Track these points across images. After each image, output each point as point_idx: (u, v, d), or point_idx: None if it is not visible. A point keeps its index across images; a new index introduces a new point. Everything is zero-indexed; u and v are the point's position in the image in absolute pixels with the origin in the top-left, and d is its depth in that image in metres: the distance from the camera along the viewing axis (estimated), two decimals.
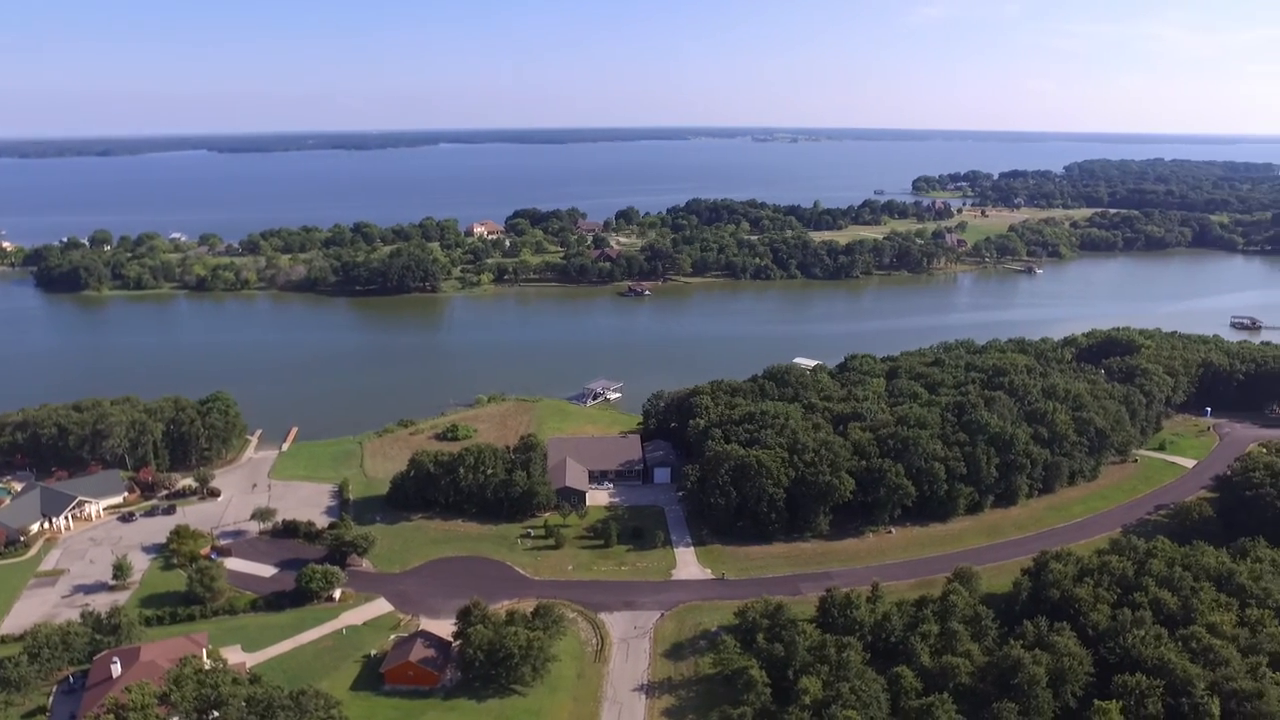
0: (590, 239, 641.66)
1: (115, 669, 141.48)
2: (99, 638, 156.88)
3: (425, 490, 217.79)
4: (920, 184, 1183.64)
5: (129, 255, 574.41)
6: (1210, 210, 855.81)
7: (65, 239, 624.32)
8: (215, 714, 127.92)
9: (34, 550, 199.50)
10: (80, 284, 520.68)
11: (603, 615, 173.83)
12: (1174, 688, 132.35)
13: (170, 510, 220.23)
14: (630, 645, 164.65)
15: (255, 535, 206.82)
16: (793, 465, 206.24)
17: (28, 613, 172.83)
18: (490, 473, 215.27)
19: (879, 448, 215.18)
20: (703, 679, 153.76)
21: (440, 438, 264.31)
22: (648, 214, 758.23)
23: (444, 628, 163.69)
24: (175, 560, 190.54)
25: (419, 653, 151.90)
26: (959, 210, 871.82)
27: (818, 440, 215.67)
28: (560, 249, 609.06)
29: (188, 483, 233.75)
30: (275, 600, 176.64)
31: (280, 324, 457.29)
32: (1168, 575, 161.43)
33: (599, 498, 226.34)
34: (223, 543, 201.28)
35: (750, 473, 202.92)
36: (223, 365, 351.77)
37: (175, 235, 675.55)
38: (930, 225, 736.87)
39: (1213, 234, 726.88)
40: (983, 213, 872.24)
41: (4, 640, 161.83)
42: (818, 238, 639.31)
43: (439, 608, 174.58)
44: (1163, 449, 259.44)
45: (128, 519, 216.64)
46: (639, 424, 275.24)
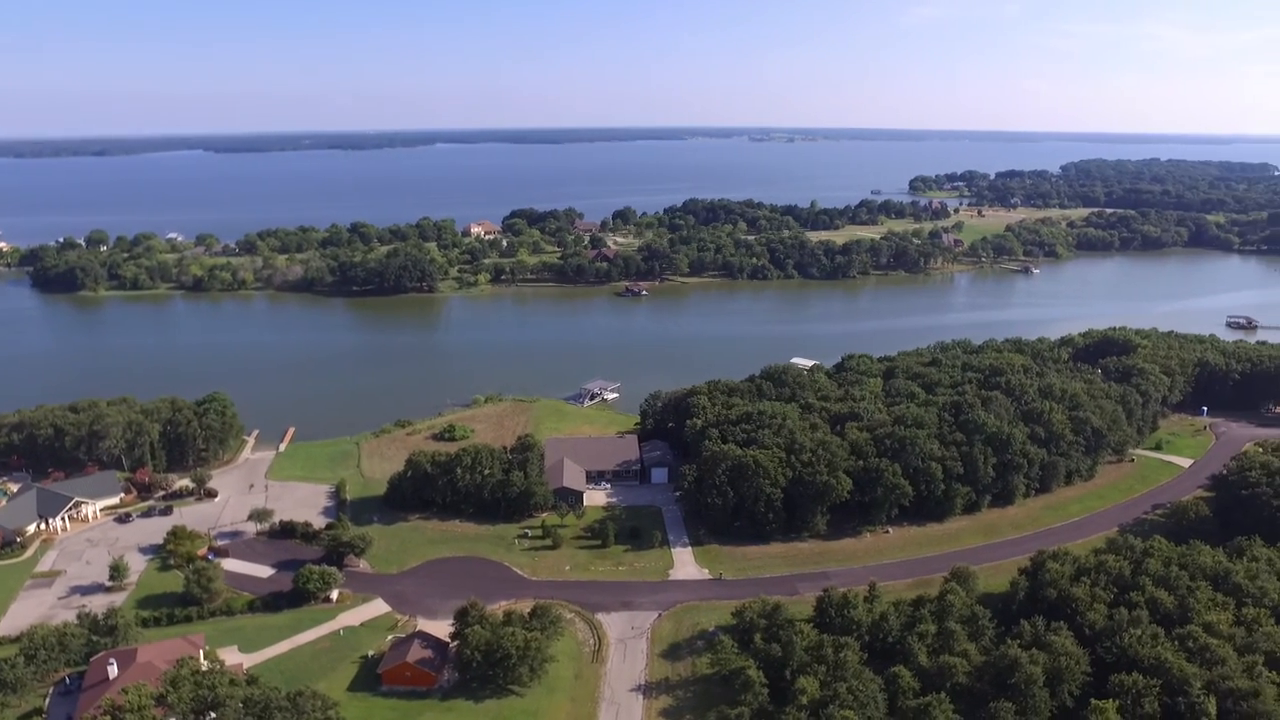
0: (587, 239, 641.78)
1: (112, 670, 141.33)
2: (96, 639, 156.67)
3: (422, 491, 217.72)
4: (917, 184, 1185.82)
5: (125, 255, 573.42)
6: (1206, 210, 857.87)
7: (61, 239, 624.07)
8: (212, 715, 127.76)
9: (30, 551, 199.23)
10: (76, 284, 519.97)
11: (600, 615, 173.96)
12: (1170, 687, 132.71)
13: (167, 511, 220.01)
14: (628, 645, 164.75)
15: (252, 536, 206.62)
16: (790, 465, 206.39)
17: (24, 614, 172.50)
18: (487, 473, 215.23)
19: (876, 447, 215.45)
20: (700, 679, 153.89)
21: (437, 438, 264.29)
22: (645, 214, 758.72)
23: (441, 628, 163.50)
24: (172, 561, 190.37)
25: (416, 653, 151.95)
26: (956, 210, 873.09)
27: (815, 440, 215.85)
28: (557, 249, 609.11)
29: (185, 483, 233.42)
30: (272, 601, 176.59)
31: (277, 324, 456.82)
32: (1164, 574, 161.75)
33: (596, 498, 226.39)
34: (220, 543, 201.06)
35: (747, 473, 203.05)
36: (219, 366, 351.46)
37: (172, 235, 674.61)
38: (927, 225, 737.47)
39: (1209, 234, 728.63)
40: (979, 213, 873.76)
41: (0, 642, 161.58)
42: (815, 238, 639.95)
43: (436, 608, 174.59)
44: (1159, 448, 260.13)
45: (124, 520, 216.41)
46: (636, 424, 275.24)
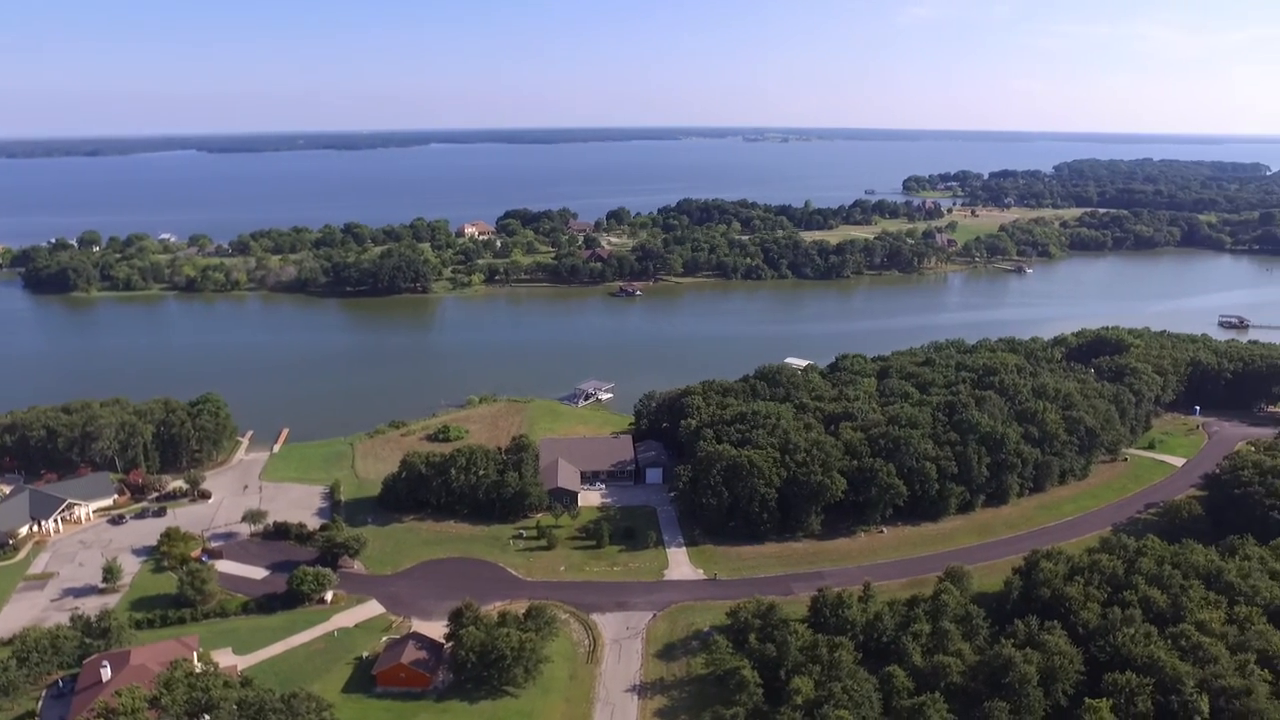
0: (581, 239, 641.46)
1: (105, 673, 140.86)
2: (88, 641, 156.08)
3: (417, 491, 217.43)
4: (911, 184, 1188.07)
5: (118, 256, 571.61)
6: (1198, 210, 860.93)
7: (53, 240, 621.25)
8: (206, 717, 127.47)
9: (23, 553, 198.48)
10: (69, 285, 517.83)
11: (595, 616, 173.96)
12: (1164, 685, 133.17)
13: (160, 512, 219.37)
14: (622, 646, 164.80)
15: (246, 537, 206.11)
16: (784, 465, 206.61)
17: (16, 616, 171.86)
18: (482, 474, 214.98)
19: (870, 447, 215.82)
20: (695, 679, 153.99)
21: (432, 439, 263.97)
22: (639, 214, 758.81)
23: (436, 629, 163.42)
24: (166, 563, 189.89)
25: (411, 655, 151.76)
26: (949, 210, 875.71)
27: (809, 440, 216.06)
28: (551, 249, 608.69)
29: (178, 485, 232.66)
30: (266, 603, 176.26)
31: (270, 325, 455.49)
32: (1157, 573, 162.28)
33: (591, 498, 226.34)
34: (213, 545, 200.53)
35: (742, 473, 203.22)
36: (213, 367, 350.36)
37: (165, 236, 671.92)
38: (921, 225, 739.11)
39: (1201, 233, 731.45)
40: (973, 212, 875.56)
41: None
42: (809, 237, 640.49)
43: (431, 609, 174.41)
44: (1152, 448, 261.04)
45: (118, 521, 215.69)
46: (631, 424, 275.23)
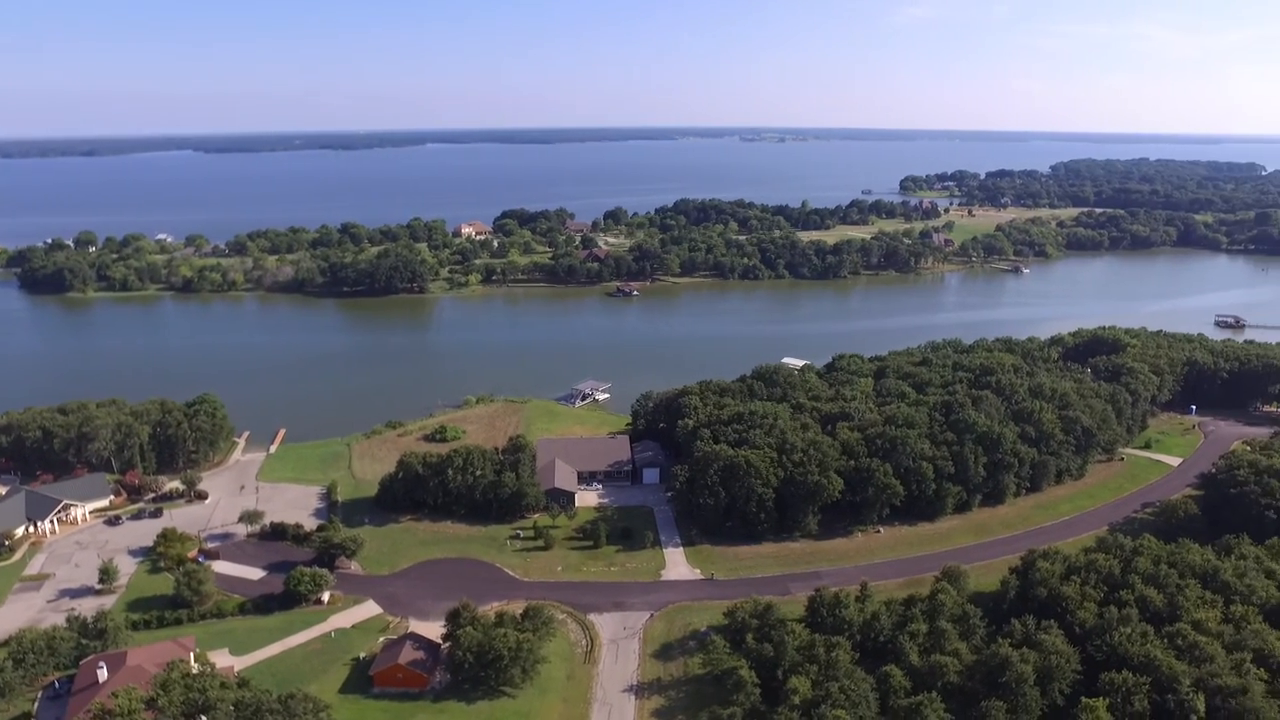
0: (578, 239, 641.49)
1: (101, 674, 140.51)
2: (85, 642, 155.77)
3: (414, 492, 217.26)
4: (907, 184, 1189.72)
5: (114, 256, 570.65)
6: (1195, 210, 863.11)
7: (49, 240, 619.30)
8: (203, 718, 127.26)
9: (19, 554, 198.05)
10: (65, 286, 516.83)
11: (592, 616, 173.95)
12: (1160, 685, 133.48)
13: (157, 513, 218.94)
14: (620, 646, 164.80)
15: (243, 538, 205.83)
16: (781, 465, 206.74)
17: (12, 617, 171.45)
18: (479, 474, 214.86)
19: (867, 447, 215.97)
20: (692, 679, 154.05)
21: (429, 439, 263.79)
22: (636, 214, 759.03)
23: (433, 630, 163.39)
24: (162, 563, 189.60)
25: (408, 655, 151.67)
26: (946, 210, 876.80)
27: (806, 440, 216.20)
28: (548, 249, 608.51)
29: (174, 485, 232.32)
30: (263, 603, 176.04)
31: (267, 325, 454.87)
32: (1154, 573, 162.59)
33: (588, 499, 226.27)
34: (210, 546, 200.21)
35: (739, 473, 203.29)
36: (209, 367, 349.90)
37: (161, 236, 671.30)
38: (918, 225, 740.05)
39: (1197, 233, 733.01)
40: (970, 212, 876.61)
41: None
42: (805, 238, 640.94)
43: (428, 610, 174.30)
44: (1148, 447, 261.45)
45: (114, 522, 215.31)
46: (628, 424, 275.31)
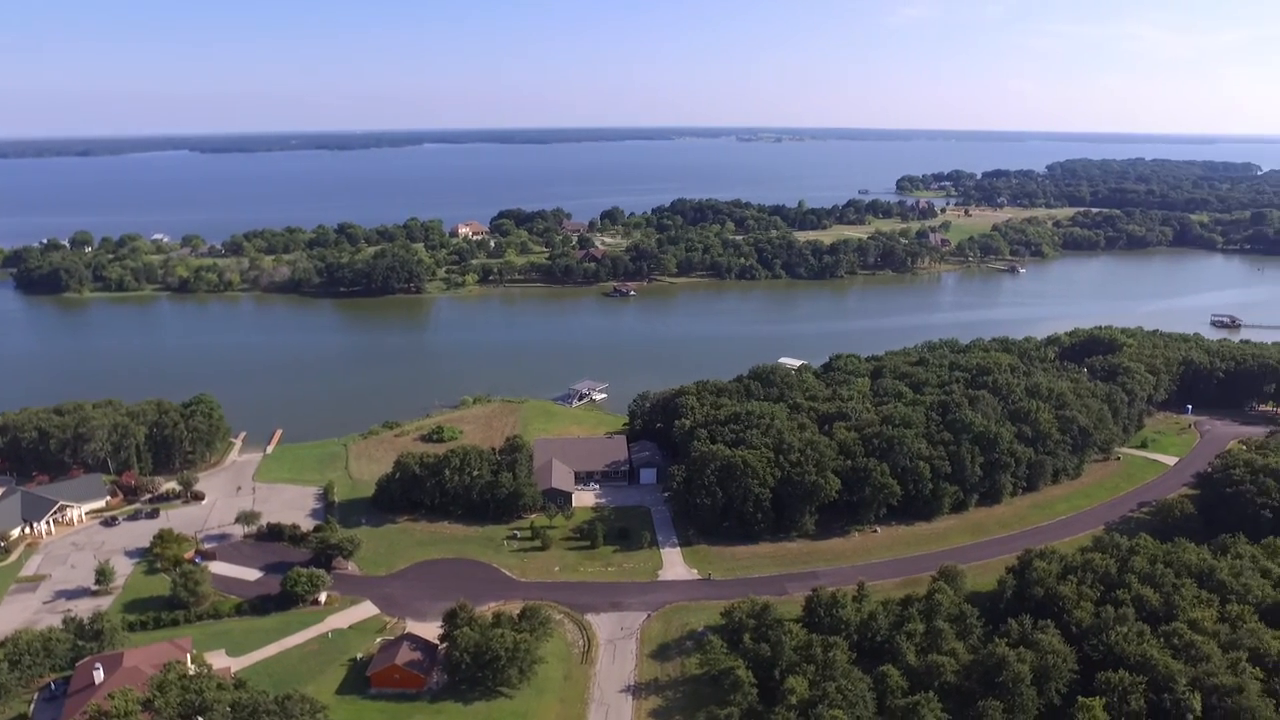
0: (575, 239, 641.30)
1: (98, 675, 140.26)
2: (81, 644, 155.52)
3: (411, 492, 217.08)
4: (904, 184, 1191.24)
5: (110, 257, 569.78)
6: (1190, 209, 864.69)
7: (45, 240, 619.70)
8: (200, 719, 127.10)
9: (15, 555, 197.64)
10: (61, 286, 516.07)
11: (589, 616, 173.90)
12: (1156, 684, 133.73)
13: (153, 514, 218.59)
14: (617, 646, 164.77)
15: (240, 539, 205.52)
16: (778, 465, 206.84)
17: (8, 619, 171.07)
18: (476, 474, 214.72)
19: (864, 447, 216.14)
20: (689, 679, 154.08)
21: (425, 439, 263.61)
22: (633, 214, 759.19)
23: (430, 630, 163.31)
24: (159, 564, 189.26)
25: (405, 656, 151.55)
26: (943, 210, 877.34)
27: (803, 440, 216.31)
28: (545, 249, 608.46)
29: (171, 486, 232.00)
30: (260, 604, 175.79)
31: (264, 326, 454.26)
32: (1150, 572, 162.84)
33: (585, 499, 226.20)
34: (207, 546, 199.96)
35: (736, 473, 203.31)
36: (206, 367, 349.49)
37: (157, 236, 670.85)
38: (914, 225, 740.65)
39: (1193, 233, 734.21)
40: (966, 212, 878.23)
41: None
42: (802, 237, 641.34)
43: (425, 610, 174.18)
44: (1145, 447, 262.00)
45: (110, 523, 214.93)
46: (625, 425, 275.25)
